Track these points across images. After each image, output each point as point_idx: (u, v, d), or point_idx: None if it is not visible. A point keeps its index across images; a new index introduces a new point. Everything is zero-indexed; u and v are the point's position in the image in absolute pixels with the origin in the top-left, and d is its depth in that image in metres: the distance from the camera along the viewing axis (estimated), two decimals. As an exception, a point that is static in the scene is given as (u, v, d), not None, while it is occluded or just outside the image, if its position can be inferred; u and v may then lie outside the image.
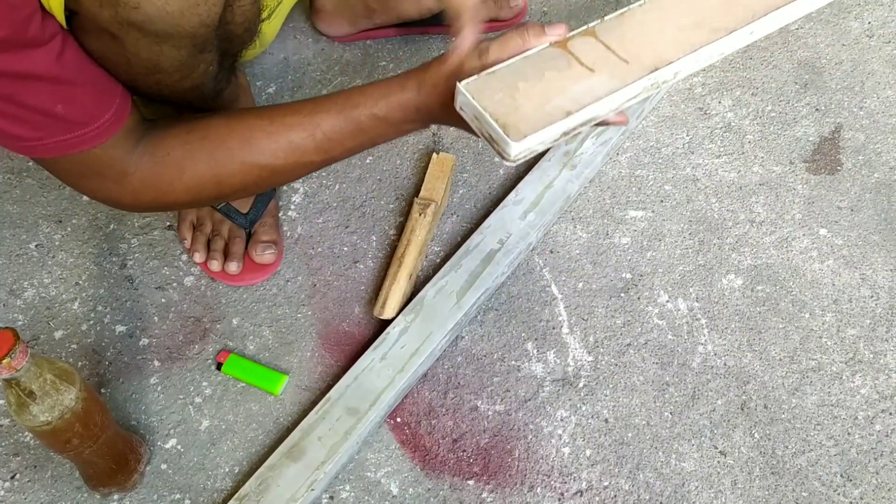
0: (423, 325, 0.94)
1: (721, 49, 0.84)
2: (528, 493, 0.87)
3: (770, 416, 0.91)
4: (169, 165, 0.77)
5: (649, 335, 0.96)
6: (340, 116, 0.78)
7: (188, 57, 0.73)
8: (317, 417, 0.89)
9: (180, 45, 0.71)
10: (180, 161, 0.77)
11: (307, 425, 0.89)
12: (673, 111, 1.14)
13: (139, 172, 0.75)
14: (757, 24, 0.85)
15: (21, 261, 1.04)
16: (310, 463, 0.86)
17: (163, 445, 0.91)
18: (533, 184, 1.05)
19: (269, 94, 1.17)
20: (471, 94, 0.74)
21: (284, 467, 0.86)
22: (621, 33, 0.82)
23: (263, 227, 1.02)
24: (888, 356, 0.94)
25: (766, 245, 1.02)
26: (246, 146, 0.78)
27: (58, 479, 0.89)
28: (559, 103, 0.75)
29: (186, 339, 0.98)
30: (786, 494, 0.87)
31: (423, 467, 0.89)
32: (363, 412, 0.89)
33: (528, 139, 0.72)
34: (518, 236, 1.00)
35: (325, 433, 0.88)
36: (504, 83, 0.76)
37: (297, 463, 0.86)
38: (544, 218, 1.02)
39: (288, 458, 0.87)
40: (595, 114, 0.77)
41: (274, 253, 1.01)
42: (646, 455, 0.89)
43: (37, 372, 0.71)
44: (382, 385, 0.90)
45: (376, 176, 1.10)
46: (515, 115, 0.73)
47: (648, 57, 0.80)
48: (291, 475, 0.86)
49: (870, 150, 1.09)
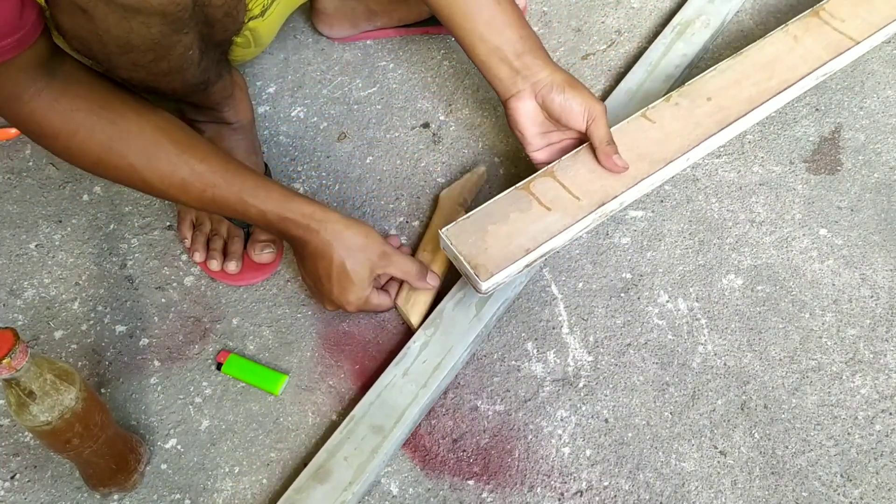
0: (443, 338, 0.93)
1: (661, 177, 0.97)
2: (528, 493, 0.87)
3: (770, 416, 0.91)
4: (65, 119, 0.77)
5: (649, 335, 0.96)
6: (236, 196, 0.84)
7: (160, 36, 0.74)
8: (342, 437, 0.88)
9: (150, 23, 0.72)
10: (78, 123, 0.78)
11: (332, 445, 0.87)
12: (673, 111, 1.14)
13: (34, 104, 0.75)
14: (692, 152, 0.97)
15: (21, 261, 1.04)
16: (337, 484, 0.85)
17: (163, 445, 0.91)
18: None
19: (269, 94, 1.17)
20: (450, 240, 0.89)
21: (312, 489, 0.85)
22: (574, 172, 0.95)
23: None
24: (888, 356, 0.94)
25: (766, 245, 1.02)
26: (143, 155, 0.81)
27: (58, 479, 0.89)
28: (520, 242, 0.89)
29: (186, 339, 0.98)
30: (786, 494, 0.87)
31: (422, 467, 0.89)
32: (388, 430, 0.88)
33: (493, 278, 0.87)
34: None
35: (350, 453, 0.86)
36: (476, 227, 0.91)
37: (325, 485, 0.85)
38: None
39: (314, 479, 0.85)
40: (550, 248, 0.91)
41: (273, 252, 1.01)
42: (646, 455, 0.89)
43: (37, 372, 0.71)
44: (406, 402, 0.89)
45: (376, 176, 1.10)
46: (484, 257, 0.88)
47: (597, 192, 0.93)
48: (319, 498, 0.84)
49: (870, 150, 1.09)
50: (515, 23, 0.92)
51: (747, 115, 0.98)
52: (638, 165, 0.94)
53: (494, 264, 0.87)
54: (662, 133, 0.98)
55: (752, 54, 1.04)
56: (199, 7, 0.76)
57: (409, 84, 1.18)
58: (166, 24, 0.73)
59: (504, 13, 0.91)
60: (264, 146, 1.12)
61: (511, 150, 1.11)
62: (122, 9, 0.68)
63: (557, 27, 1.23)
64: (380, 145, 1.13)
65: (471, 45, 0.93)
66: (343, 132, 1.14)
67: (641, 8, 1.25)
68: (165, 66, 0.79)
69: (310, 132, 1.14)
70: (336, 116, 1.16)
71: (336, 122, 1.15)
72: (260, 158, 1.06)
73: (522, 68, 0.92)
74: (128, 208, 1.07)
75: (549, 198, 0.93)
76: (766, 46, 1.05)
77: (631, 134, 0.97)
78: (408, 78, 1.19)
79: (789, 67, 1.02)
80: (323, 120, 1.15)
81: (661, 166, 0.95)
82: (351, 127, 1.15)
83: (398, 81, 1.19)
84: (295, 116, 1.16)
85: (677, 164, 0.96)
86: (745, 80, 1.01)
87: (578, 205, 0.92)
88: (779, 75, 1.02)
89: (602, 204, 0.92)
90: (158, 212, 1.07)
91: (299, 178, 1.10)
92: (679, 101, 1.00)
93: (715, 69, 1.03)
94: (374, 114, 1.16)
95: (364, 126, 1.15)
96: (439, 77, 1.19)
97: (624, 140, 0.95)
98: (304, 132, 1.14)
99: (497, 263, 0.87)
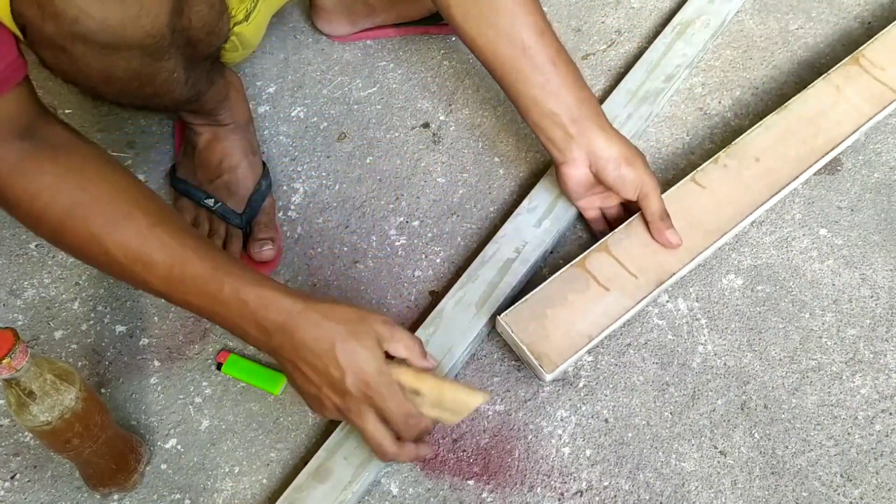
0: (443, 338, 0.93)
1: (715, 248, 0.97)
2: (528, 493, 0.87)
3: (770, 416, 0.91)
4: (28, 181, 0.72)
5: (649, 335, 0.96)
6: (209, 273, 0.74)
7: (142, 66, 0.71)
8: (341, 436, 0.87)
9: (130, 57, 0.69)
10: (43, 186, 0.73)
11: (332, 444, 0.87)
12: (673, 111, 1.14)
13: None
14: (745, 220, 0.97)
15: (21, 261, 1.04)
16: (337, 483, 0.85)
17: (163, 445, 0.91)
18: (546, 191, 1.03)
19: (269, 94, 1.17)
20: (509, 327, 0.88)
21: (311, 489, 0.84)
22: (629, 245, 0.95)
23: (259, 226, 1.02)
24: (888, 356, 0.94)
25: (766, 245, 1.02)
26: (108, 225, 0.74)
27: (58, 479, 0.89)
28: (581, 328, 0.89)
29: (186, 339, 0.98)
30: (786, 494, 0.87)
31: (423, 467, 0.89)
32: None
33: (559, 369, 0.87)
34: (534, 245, 0.99)
35: (350, 452, 0.86)
36: (534, 311, 0.90)
37: (325, 484, 0.85)
38: (560, 224, 1.01)
39: (314, 478, 0.85)
40: (611, 331, 0.91)
41: (272, 249, 1.00)
42: (646, 455, 0.89)
43: (37, 372, 0.71)
44: None
45: (376, 176, 1.10)
46: (547, 345, 0.88)
47: (653, 270, 0.93)
48: (319, 497, 0.84)
49: (870, 150, 1.09)
50: (573, 84, 0.89)
51: (797, 177, 0.99)
52: (691, 235, 0.95)
53: (559, 354, 0.87)
54: (713, 199, 0.98)
55: (797, 108, 1.04)
56: (179, 32, 0.72)
57: (409, 84, 1.18)
58: (147, 56, 0.70)
59: (560, 74, 0.88)
60: (264, 146, 1.12)
61: (511, 151, 1.11)
62: (100, 46, 0.67)
63: (557, 27, 1.23)
64: (380, 145, 1.13)
65: (524, 108, 0.90)
66: (343, 132, 1.14)
67: (641, 8, 1.25)
68: (151, 91, 0.75)
69: (310, 132, 1.14)
70: (336, 116, 1.16)
71: (336, 122, 1.15)
72: (258, 158, 1.06)
73: (577, 135, 0.90)
74: (128, 208, 1.07)
75: (606, 276, 0.92)
76: (810, 99, 1.05)
77: (681, 201, 0.97)
78: (408, 78, 1.19)
79: (834, 123, 1.03)
80: (323, 120, 1.15)
81: (715, 238, 0.95)
82: (351, 127, 1.15)
83: (398, 81, 1.19)
84: (295, 116, 1.16)
85: (730, 235, 0.97)
86: (791, 136, 1.02)
87: (636, 283, 0.92)
88: (825, 132, 1.02)
89: (660, 283, 0.92)
90: (158, 212, 1.07)
91: (299, 178, 1.10)
92: (727, 163, 1.00)
93: (761, 125, 1.03)
94: (374, 114, 1.16)
95: (364, 126, 1.15)
96: (439, 77, 1.19)
97: (674, 207, 0.95)
98: (304, 132, 1.14)
99: (561, 353, 0.88)
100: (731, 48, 1.19)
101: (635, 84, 1.13)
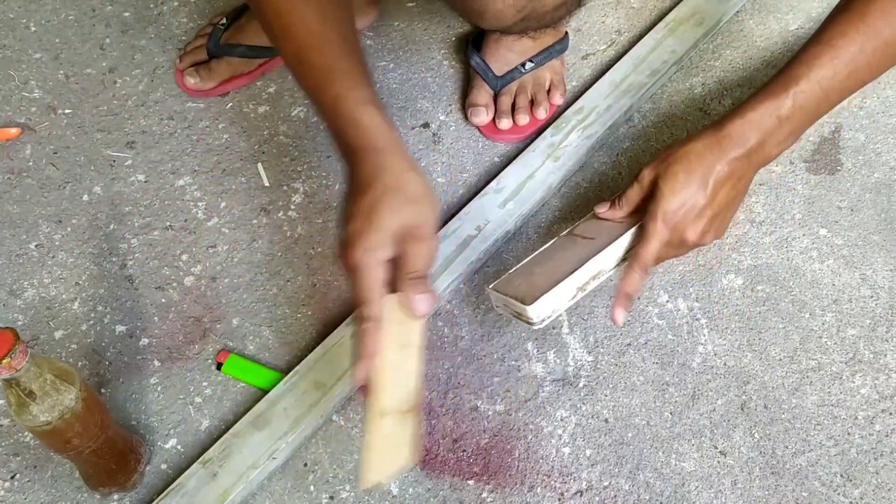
0: None
1: None
2: (528, 493, 0.87)
3: (770, 416, 0.91)
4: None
5: (649, 335, 0.96)
6: (325, 70, 0.75)
7: None
8: (284, 389, 0.91)
9: None
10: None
11: (274, 396, 0.91)
12: (673, 111, 1.14)
13: None
14: None
15: (21, 261, 1.04)
16: (273, 432, 0.88)
17: (163, 445, 0.91)
18: (515, 174, 1.05)
19: (269, 94, 1.17)
20: (498, 290, 0.87)
21: (248, 435, 0.88)
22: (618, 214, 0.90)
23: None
24: (888, 356, 0.94)
25: (766, 245, 1.02)
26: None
27: (58, 479, 0.89)
28: (566, 268, 0.86)
29: (186, 339, 0.98)
30: (786, 494, 0.87)
31: (423, 467, 0.89)
32: (329, 386, 0.90)
33: (541, 300, 0.82)
34: (496, 224, 1.01)
35: (290, 405, 0.90)
36: (523, 275, 0.88)
37: (261, 432, 0.88)
38: (524, 207, 1.02)
39: (253, 426, 0.89)
40: (599, 266, 0.86)
41: (198, 80, 1.14)
42: (646, 455, 0.89)
43: (37, 372, 0.71)
44: (349, 362, 0.91)
45: (376, 176, 1.10)
46: (531, 288, 0.85)
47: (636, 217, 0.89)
48: (255, 443, 0.87)
49: (870, 150, 1.09)
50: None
51: None
52: None
53: (540, 290, 0.83)
54: None
55: None
56: None
57: (409, 84, 1.18)
58: None
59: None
60: (264, 146, 1.12)
61: (511, 150, 1.11)
62: None
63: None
64: (380, 145, 1.13)
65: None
66: (343, 132, 1.14)
67: (641, 8, 1.25)
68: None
69: (310, 132, 1.14)
70: (336, 116, 1.16)
71: (336, 122, 1.15)
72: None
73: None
74: (128, 208, 1.07)
75: (593, 231, 0.90)
76: None
77: None
78: (408, 78, 1.19)
79: None
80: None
81: None
82: (351, 127, 1.15)
83: (398, 81, 1.19)
84: (295, 116, 1.16)
85: None
86: None
87: (621, 226, 0.88)
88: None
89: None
90: (159, 212, 1.07)
91: (299, 178, 1.10)
92: None
93: None
94: (374, 114, 1.16)
95: (364, 126, 1.15)
96: (439, 77, 1.19)
97: None
98: (304, 132, 1.14)
99: (543, 289, 0.83)
100: (731, 48, 1.19)
101: (620, 76, 1.14)
